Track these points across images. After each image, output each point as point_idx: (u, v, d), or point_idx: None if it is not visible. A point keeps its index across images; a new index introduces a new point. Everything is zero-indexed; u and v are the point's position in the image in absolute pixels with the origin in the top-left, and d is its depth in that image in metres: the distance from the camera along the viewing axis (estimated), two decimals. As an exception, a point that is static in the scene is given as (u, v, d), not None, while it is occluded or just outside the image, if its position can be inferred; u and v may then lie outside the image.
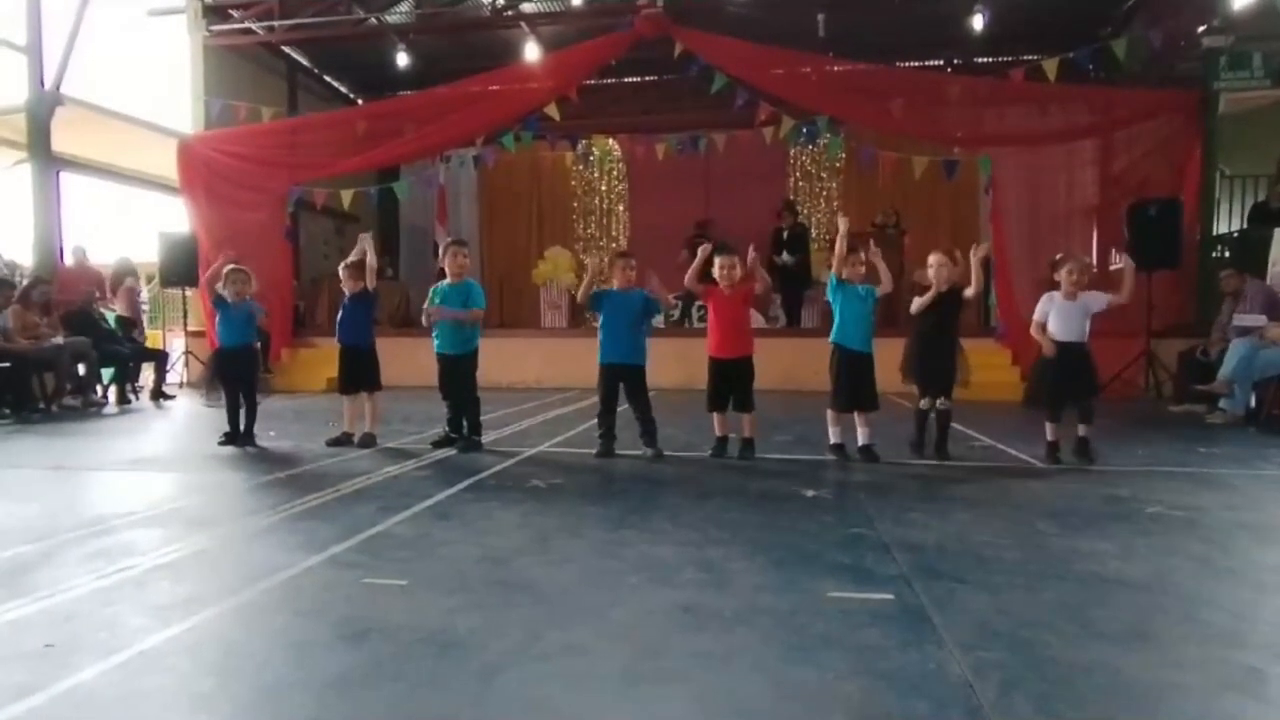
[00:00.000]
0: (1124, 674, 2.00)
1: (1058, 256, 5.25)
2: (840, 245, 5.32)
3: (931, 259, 5.23)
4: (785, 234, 12.39)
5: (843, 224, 5.42)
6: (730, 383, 5.34)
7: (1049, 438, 5.12)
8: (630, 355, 5.40)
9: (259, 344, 6.01)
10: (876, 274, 5.29)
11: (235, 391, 5.82)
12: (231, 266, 5.91)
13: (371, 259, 5.84)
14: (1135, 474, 4.75)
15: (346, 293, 5.88)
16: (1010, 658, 2.09)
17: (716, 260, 5.42)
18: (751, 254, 5.39)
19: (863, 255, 5.33)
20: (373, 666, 2.07)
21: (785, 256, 12.18)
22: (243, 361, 5.87)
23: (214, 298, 5.89)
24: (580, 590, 2.68)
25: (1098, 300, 5.06)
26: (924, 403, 5.29)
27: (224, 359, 5.90)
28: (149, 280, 11.06)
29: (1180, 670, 2.03)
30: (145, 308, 11.14)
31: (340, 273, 5.90)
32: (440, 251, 5.86)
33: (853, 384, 5.23)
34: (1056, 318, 5.08)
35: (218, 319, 5.92)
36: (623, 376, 5.40)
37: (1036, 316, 5.17)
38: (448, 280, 5.71)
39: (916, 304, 5.28)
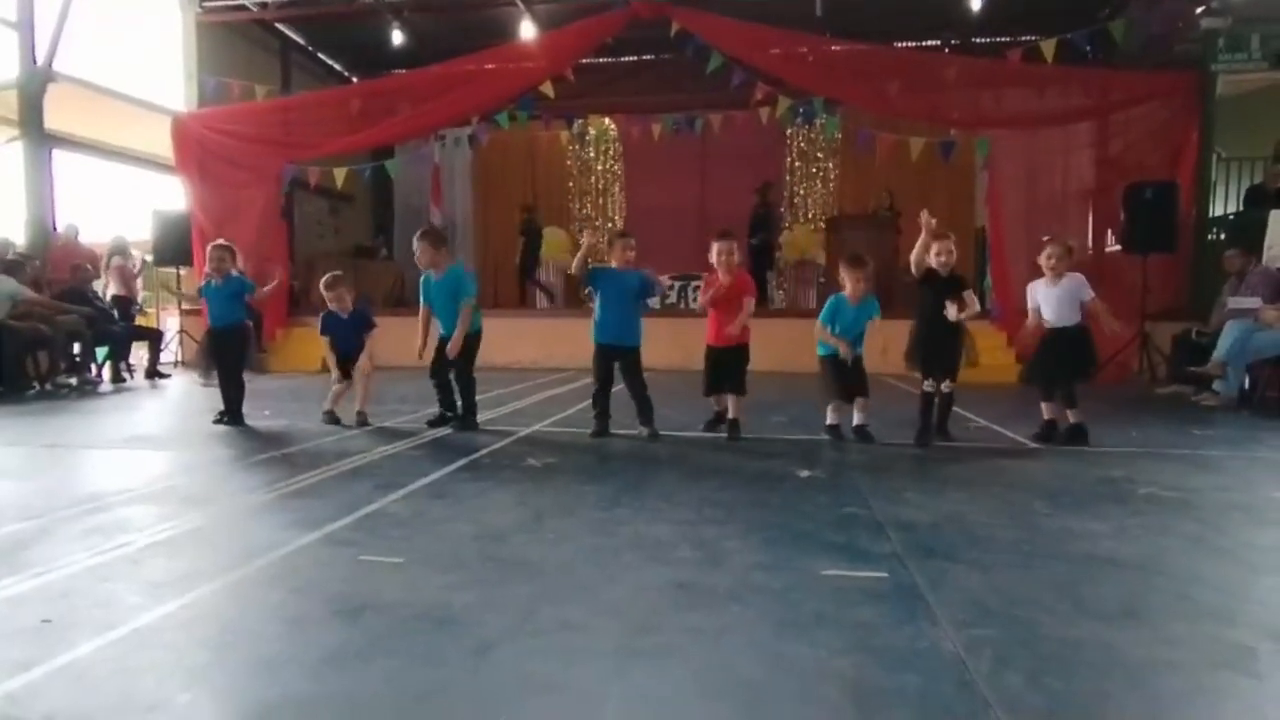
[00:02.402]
0: (1116, 650, 2.02)
1: (1045, 238, 5.24)
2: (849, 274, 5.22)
3: (935, 247, 5.12)
4: (753, 216, 12.71)
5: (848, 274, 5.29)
6: (726, 368, 5.33)
7: (1045, 416, 5.15)
8: (626, 336, 5.38)
9: (250, 322, 5.97)
10: (870, 290, 5.21)
11: (228, 370, 5.81)
12: (213, 244, 5.90)
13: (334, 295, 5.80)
14: (1129, 455, 4.77)
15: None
16: (1003, 634, 2.11)
17: (714, 246, 5.39)
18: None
19: (868, 271, 5.20)
20: (368, 642, 2.08)
21: (750, 240, 12.65)
22: (234, 340, 5.83)
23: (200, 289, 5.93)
24: (575, 568, 2.69)
25: (1084, 287, 5.05)
26: (928, 384, 5.26)
27: (215, 339, 5.87)
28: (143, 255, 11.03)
29: (1172, 647, 2.05)
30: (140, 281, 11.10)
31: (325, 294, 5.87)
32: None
33: (842, 380, 5.22)
34: (1044, 303, 5.10)
35: (207, 301, 5.90)
36: (617, 357, 5.40)
37: (1029, 306, 5.17)
38: (432, 274, 5.63)
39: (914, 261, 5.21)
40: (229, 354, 5.82)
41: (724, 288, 5.30)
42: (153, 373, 9.54)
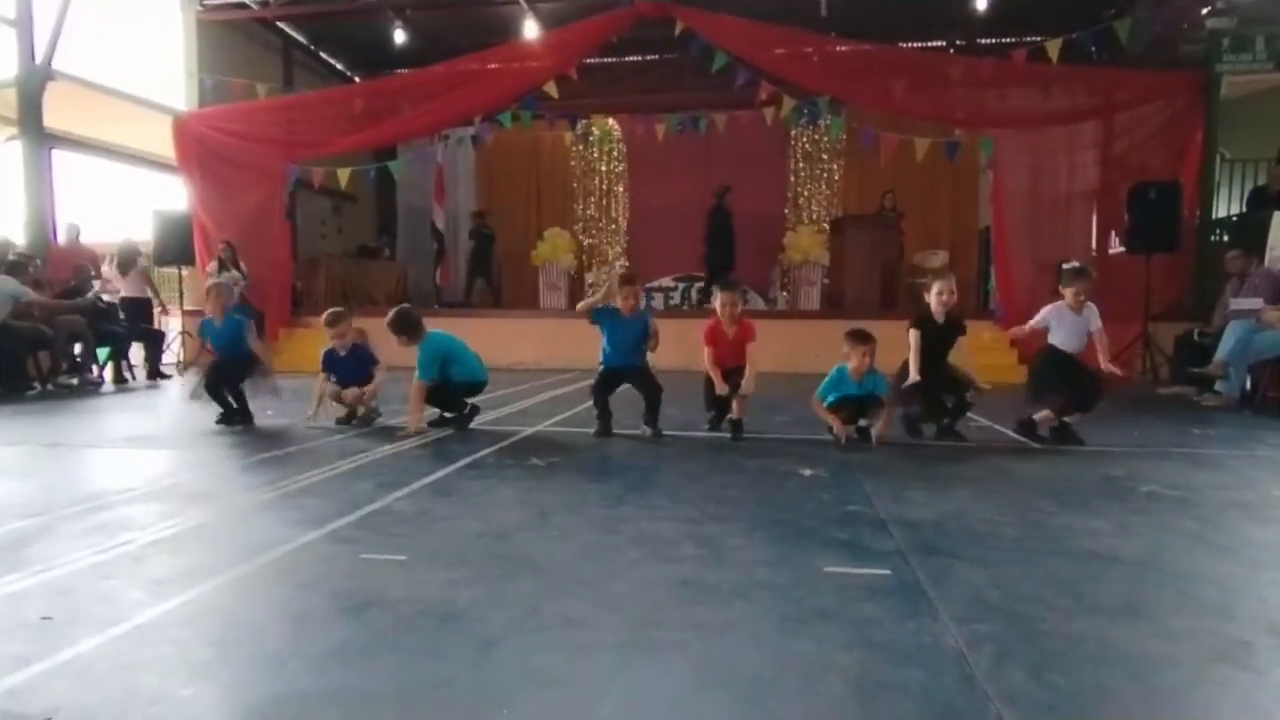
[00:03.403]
0: (1116, 645, 2.02)
1: (1065, 266, 5.18)
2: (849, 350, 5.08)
3: (937, 285, 5.08)
4: (708, 219, 12.94)
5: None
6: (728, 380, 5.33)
7: (1033, 416, 5.19)
8: (632, 361, 5.40)
9: (255, 354, 5.96)
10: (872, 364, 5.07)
11: (233, 392, 5.85)
12: (210, 282, 5.93)
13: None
14: (1131, 454, 4.77)
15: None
16: (1004, 630, 2.11)
17: (719, 297, 5.36)
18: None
19: (873, 346, 5.03)
20: (372, 637, 2.08)
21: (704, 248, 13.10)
22: (238, 368, 5.85)
23: (200, 327, 5.93)
24: (579, 564, 2.69)
25: (1097, 318, 5.05)
26: (928, 429, 5.23)
27: (220, 367, 5.88)
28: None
29: (1172, 642, 2.05)
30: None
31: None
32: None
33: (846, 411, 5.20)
34: (1060, 329, 5.08)
35: (208, 338, 5.93)
36: (623, 376, 5.44)
37: (1036, 321, 5.16)
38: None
39: (912, 351, 5.03)
40: (234, 379, 5.84)
41: (729, 339, 5.31)
42: (154, 373, 9.55)
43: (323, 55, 14.70)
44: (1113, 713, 1.72)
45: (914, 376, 4.97)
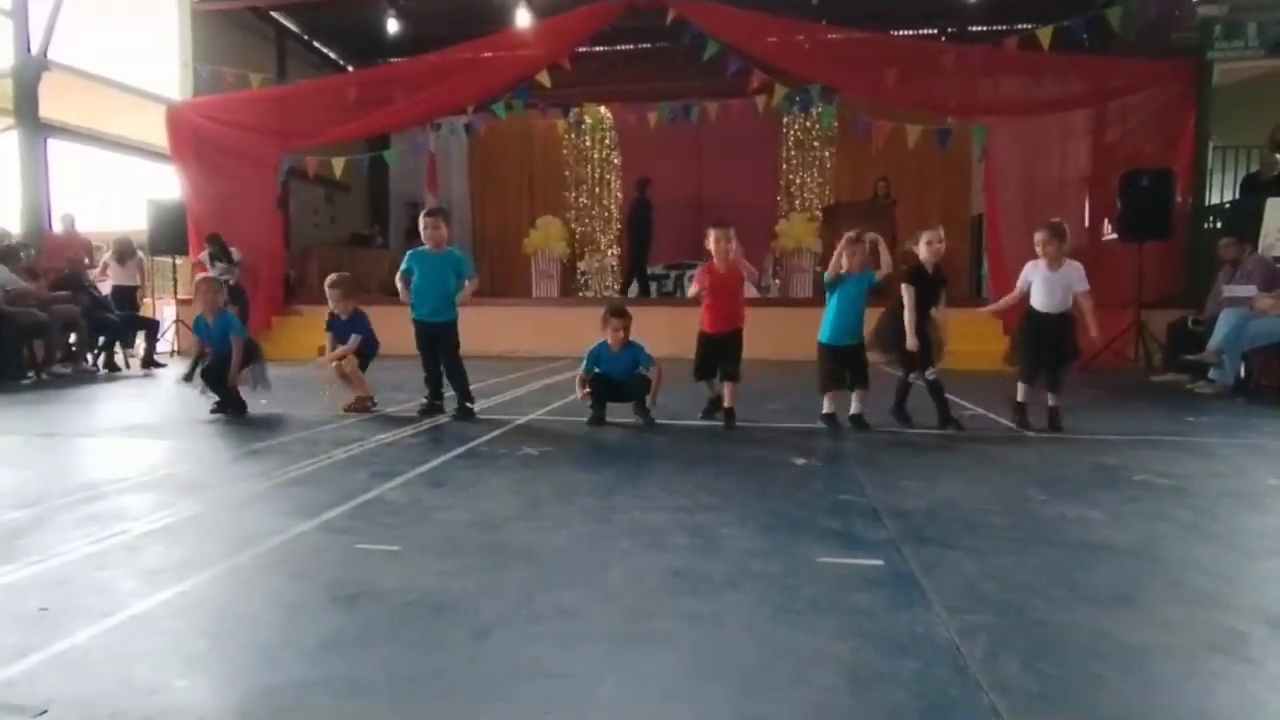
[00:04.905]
0: (1110, 635, 2.03)
1: (1051, 220, 5.21)
2: (840, 249, 5.17)
3: (926, 235, 5.10)
4: (631, 211, 13.30)
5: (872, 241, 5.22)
6: (719, 355, 5.33)
7: (1018, 398, 5.19)
8: (630, 374, 5.41)
9: (249, 344, 5.95)
10: (876, 259, 5.19)
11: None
12: (199, 278, 5.90)
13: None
14: (1124, 443, 4.78)
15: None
16: (997, 620, 2.12)
17: (711, 234, 5.36)
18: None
19: (865, 241, 5.16)
20: (366, 628, 2.08)
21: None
22: (227, 366, 5.84)
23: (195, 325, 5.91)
24: (572, 554, 2.69)
25: (1081, 279, 5.04)
26: (913, 376, 5.22)
27: (215, 364, 5.85)
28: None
29: (1165, 632, 2.06)
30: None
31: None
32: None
33: (839, 371, 5.21)
34: (1039, 287, 5.09)
35: (203, 339, 5.91)
36: (620, 389, 5.43)
37: (1019, 283, 5.18)
38: (429, 248, 5.64)
39: (907, 310, 5.05)
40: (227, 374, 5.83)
41: (721, 275, 5.30)
42: (149, 362, 9.53)
43: (316, 45, 14.61)
44: (1106, 703, 1.72)
45: (912, 342, 4.99)
